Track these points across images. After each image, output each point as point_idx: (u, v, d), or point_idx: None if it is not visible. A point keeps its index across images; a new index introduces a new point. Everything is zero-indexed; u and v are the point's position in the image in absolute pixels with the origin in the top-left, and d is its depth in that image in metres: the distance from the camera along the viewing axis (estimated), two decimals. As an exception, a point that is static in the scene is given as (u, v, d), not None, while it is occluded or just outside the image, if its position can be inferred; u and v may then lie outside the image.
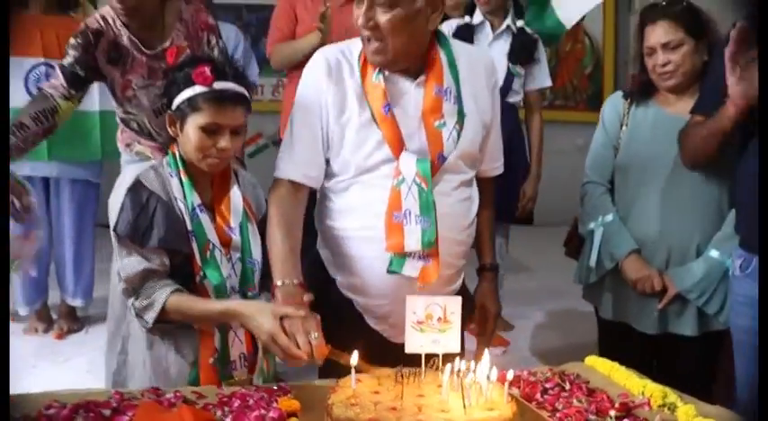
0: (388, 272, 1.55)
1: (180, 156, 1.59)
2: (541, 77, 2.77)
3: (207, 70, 1.51)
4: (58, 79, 2.00)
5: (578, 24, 3.36)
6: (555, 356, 2.62)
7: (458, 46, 1.68)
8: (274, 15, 2.90)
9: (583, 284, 2.17)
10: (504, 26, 2.68)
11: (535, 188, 2.74)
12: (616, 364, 1.49)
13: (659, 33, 1.96)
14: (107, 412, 1.25)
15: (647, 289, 1.96)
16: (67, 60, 2.02)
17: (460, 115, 1.60)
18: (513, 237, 3.32)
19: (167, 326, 1.53)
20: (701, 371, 1.97)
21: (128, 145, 2.18)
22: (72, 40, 2.02)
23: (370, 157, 1.56)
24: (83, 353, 2.94)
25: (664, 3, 2.01)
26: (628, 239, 2.01)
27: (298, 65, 2.76)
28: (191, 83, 1.52)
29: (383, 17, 1.49)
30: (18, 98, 2.82)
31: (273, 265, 1.53)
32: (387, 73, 1.56)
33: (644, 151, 2.02)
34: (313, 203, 1.70)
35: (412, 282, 1.55)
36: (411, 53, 1.56)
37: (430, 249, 1.54)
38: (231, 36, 3.22)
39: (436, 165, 1.57)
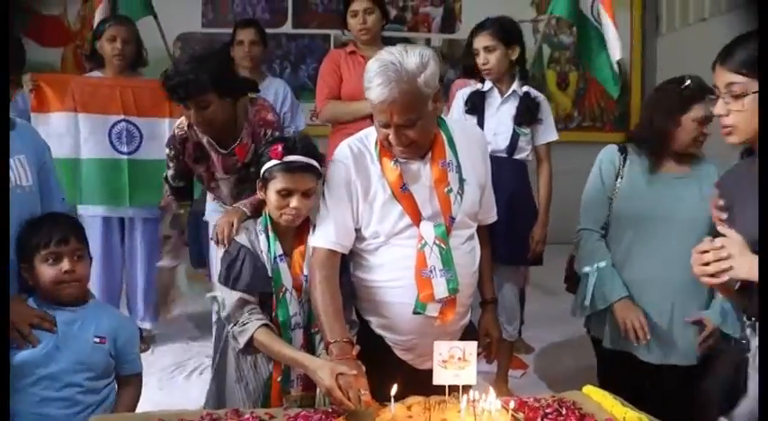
0: (414, 313, 1.89)
1: (268, 214, 1.96)
2: (546, 134, 3.02)
3: (279, 148, 1.90)
4: (167, 195, 2.43)
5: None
6: (571, 379, 2.80)
7: (452, 123, 2.02)
8: (321, 73, 3.28)
9: (576, 317, 2.43)
10: (510, 91, 2.96)
11: (543, 233, 3.01)
12: (607, 393, 1.80)
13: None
14: (202, 429, 1.62)
15: (635, 327, 2.19)
16: (169, 172, 2.40)
17: (461, 181, 1.94)
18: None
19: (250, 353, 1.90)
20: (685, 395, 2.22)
21: (214, 198, 2.62)
22: (167, 151, 2.38)
23: (396, 225, 1.90)
24: (152, 372, 3.27)
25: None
26: (619, 286, 2.26)
27: (343, 121, 3.15)
28: (269, 158, 1.91)
29: (412, 133, 1.83)
30: (102, 150, 3.27)
31: (325, 325, 1.81)
32: (401, 159, 1.91)
33: (639, 206, 2.28)
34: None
35: (432, 320, 1.90)
36: (429, 141, 1.92)
37: (455, 294, 1.89)
38: (280, 90, 3.63)
39: (449, 226, 1.91)
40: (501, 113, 2.96)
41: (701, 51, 2.37)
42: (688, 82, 2.24)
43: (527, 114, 2.93)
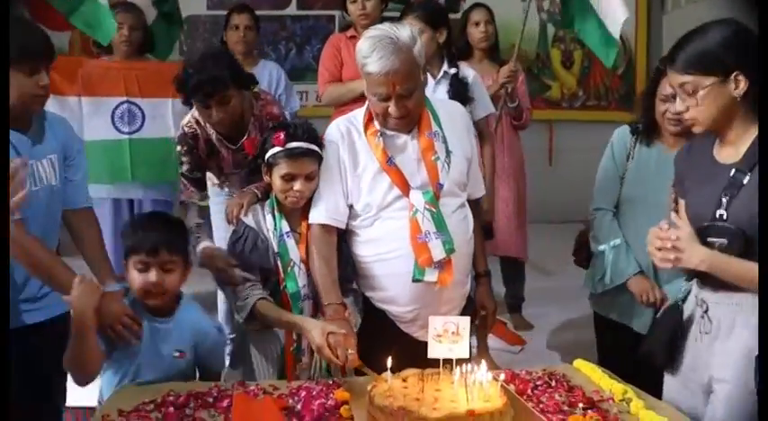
0: (413, 280, 1.98)
1: (275, 196, 2.07)
2: (481, 109, 3.06)
3: (281, 135, 2.01)
4: (188, 188, 2.48)
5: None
6: (570, 355, 2.85)
7: (434, 101, 2.14)
8: (322, 57, 3.32)
9: (594, 292, 2.48)
10: (441, 73, 2.98)
11: (491, 203, 3.06)
12: (596, 367, 1.89)
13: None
14: (210, 400, 1.70)
15: (651, 300, 2.26)
16: (185, 167, 2.47)
17: (448, 152, 2.04)
18: (535, 235, 3.59)
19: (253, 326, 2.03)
20: None
21: (213, 184, 2.68)
22: (179, 148, 2.46)
23: (385, 197, 2.01)
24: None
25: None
26: (633, 262, 2.33)
27: (345, 102, 3.20)
28: (272, 145, 2.03)
29: (410, 102, 1.94)
30: (104, 131, 3.29)
31: (321, 291, 1.99)
32: (387, 133, 2.02)
33: (648, 186, 2.33)
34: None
35: (432, 289, 2.00)
36: (420, 114, 2.02)
37: (450, 256, 1.97)
38: (273, 73, 3.68)
39: (437, 192, 2.01)
40: (437, 96, 2.93)
41: (707, 29, 2.36)
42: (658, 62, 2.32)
43: (458, 95, 2.93)
